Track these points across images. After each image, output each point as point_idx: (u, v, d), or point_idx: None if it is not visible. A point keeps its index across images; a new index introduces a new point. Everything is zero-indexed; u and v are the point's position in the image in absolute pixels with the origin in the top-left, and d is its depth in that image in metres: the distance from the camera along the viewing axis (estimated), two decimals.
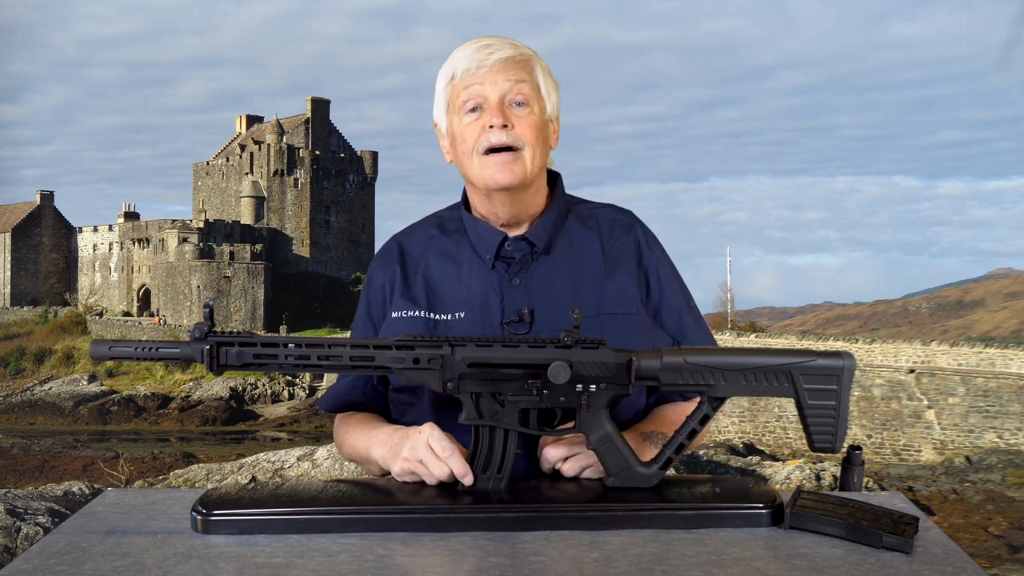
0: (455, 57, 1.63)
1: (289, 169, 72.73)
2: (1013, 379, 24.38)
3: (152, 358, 1.36)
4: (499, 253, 1.67)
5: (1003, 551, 12.90)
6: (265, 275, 63.81)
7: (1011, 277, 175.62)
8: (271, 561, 1.17)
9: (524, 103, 1.61)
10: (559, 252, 1.68)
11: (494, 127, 1.58)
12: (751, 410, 28.02)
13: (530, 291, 1.64)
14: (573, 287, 1.65)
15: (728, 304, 50.49)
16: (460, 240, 1.71)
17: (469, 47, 1.62)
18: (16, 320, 69.03)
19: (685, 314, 1.73)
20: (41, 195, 78.07)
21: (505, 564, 1.15)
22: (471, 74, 1.60)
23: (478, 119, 1.60)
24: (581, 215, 1.74)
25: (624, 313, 1.65)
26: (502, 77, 1.59)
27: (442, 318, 1.65)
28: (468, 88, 1.60)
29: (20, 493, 6.80)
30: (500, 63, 1.59)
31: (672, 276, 1.75)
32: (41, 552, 1.20)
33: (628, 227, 1.74)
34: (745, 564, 1.16)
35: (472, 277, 1.67)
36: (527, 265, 1.66)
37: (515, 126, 1.59)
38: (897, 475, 19.21)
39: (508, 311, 1.63)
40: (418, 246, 1.74)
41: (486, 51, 1.60)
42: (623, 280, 1.68)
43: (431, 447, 1.43)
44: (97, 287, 75.40)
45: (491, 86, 1.59)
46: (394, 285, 1.71)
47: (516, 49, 1.62)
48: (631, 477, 1.38)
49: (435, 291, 1.68)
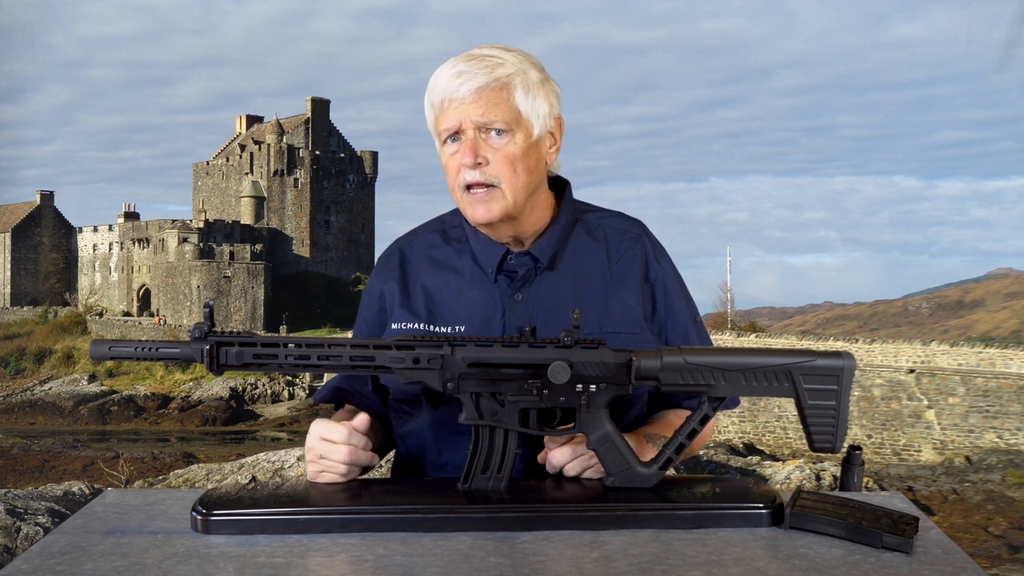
0: (433, 80, 1.57)
1: (289, 169, 72.72)
2: (1013, 379, 24.38)
3: (152, 358, 1.36)
4: (501, 267, 1.64)
5: (1003, 551, 12.90)
6: (265, 275, 63.80)
7: (1011, 277, 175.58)
8: (271, 561, 1.17)
9: (502, 131, 1.54)
10: (563, 267, 1.65)
11: (466, 165, 1.55)
12: (751, 410, 28.01)
13: (532, 307, 1.62)
14: (576, 304, 1.62)
15: (728, 304, 50.48)
16: (462, 249, 1.68)
17: (445, 72, 1.55)
18: (16, 320, 69.01)
19: (691, 329, 1.71)
20: (41, 195, 78.06)
21: (505, 564, 1.15)
22: (446, 105, 1.55)
23: (456, 152, 1.57)
24: (589, 225, 1.70)
25: (627, 332, 1.63)
26: (475, 109, 1.53)
27: (442, 331, 1.62)
28: (444, 119, 1.56)
29: (20, 493, 6.80)
30: (472, 93, 1.52)
31: (679, 290, 1.73)
32: (41, 552, 1.20)
33: (636, 239, 1.71)
34: (745, 564, 1.16)
35: (473, 290, 1.65)
36: (530, 280, 1.64)
37: (490, 161, 1.54)
38: (897, 475, 19.20)
39: (509, 326, 1.61)
40: (419, 254, 1.72)
41: (457, 80, 1.53)
42: (628, 298, 1.65)
43: (325, 438, 1.46)
44: (97, 287, 75.39)
45: (464, 119, 1.53)
46: (394, 295, 1.69)
47: (491, 73, 1.53)
48: (631, 477, 1.38)
49: (435, 303, 1.66)
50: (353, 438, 1.46)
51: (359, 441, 1.46)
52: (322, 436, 1.47)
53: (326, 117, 77.59)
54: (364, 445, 1.47)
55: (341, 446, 1.46)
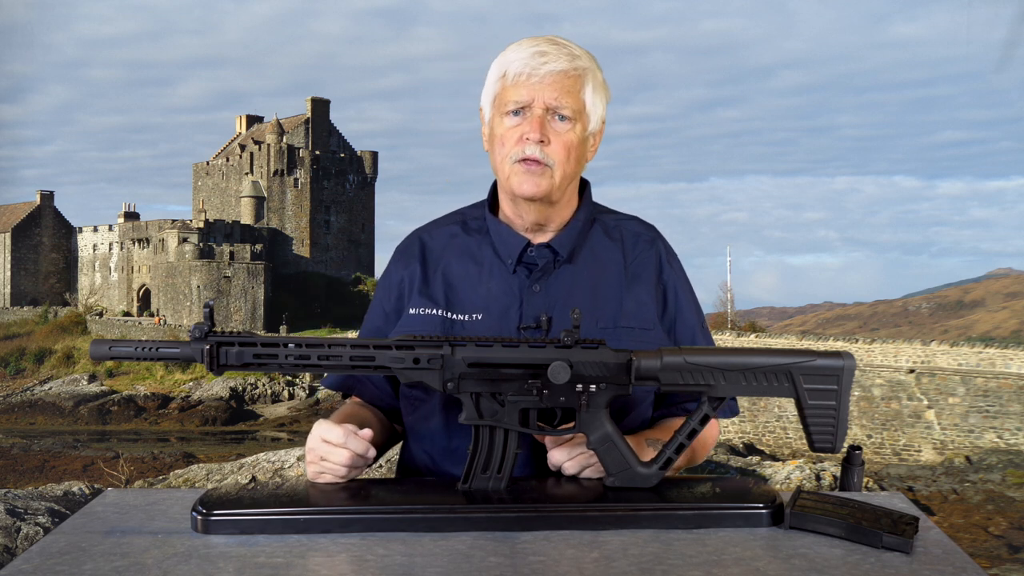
0: (510, 55, 1.61)
1: (289, 169, 72.70)
2: (1013, 379, 24.38)
3: (152, 358, 1.36)
4: (521, 258, 1.67)
5: (1003, 551, 12.90)
6: (265, 275, 63.78)
7: (1011, 277, 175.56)
8: (271, 561, 1.17)
9: (566, 118, 1.60)
10: (581, 262, 1.69)
11: (530, 140, 1.59)
12: (751, 410, 28.01)
13: (550, 298, 1.65)
14: (593, 298, 1.65)
15: (728, 304, 50.48)
16: (482, 241, 1.71)
17: (526, 48, 1.60)
18: (16, 320, 68.99)
19: (699, 332, 1.74)
20: (41, 195, 78.03)
21: (505, 564, 1.15)
22: (521, 79, 1.59)
23: (518, 126, 1.60)
24: (606, 225, 1.74)
25: (641, 328, 1.65)
26: (551, 90, 1.58)
27: (459, 318, 1.65)
28: (516, 92, 1.60)
29: (20, 493, 6.79)
30: (552, 75, 1.58)
31: (688, 294, 1.76)
32: (41, 552, 1.20)
33: (651, 242, 1.75)
34: (745, 564, 1.16)
35: (492, 280, 1.67)
36: (548, 272, 1.67)
37: (551, 142, 1.60)
38: (897, 475, 19.20)
39: (526, 316, 1.63)
40: (439, 243, 1.74)
41: (541, 59, 1.58)
42: (642, 295, 1.68)
43: (326, 439, 1.46)
44: (97, 287, 75.37)
45: (538, 97, 1.58)
46: (413, 281, 1.71)
47: (572, 62, 1.60)
48: (631, 477, 1.38)
49: (454, 291, 1.68)
50: (351, 441, 1.46)
51: (358, 445, 1.46)
52: (323, 437, 1.47)
53: (326, 117, 77.58)
54: (363, 450, 1.47)
55: (341, 449, 1.46)
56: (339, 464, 1.46)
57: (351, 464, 1.46)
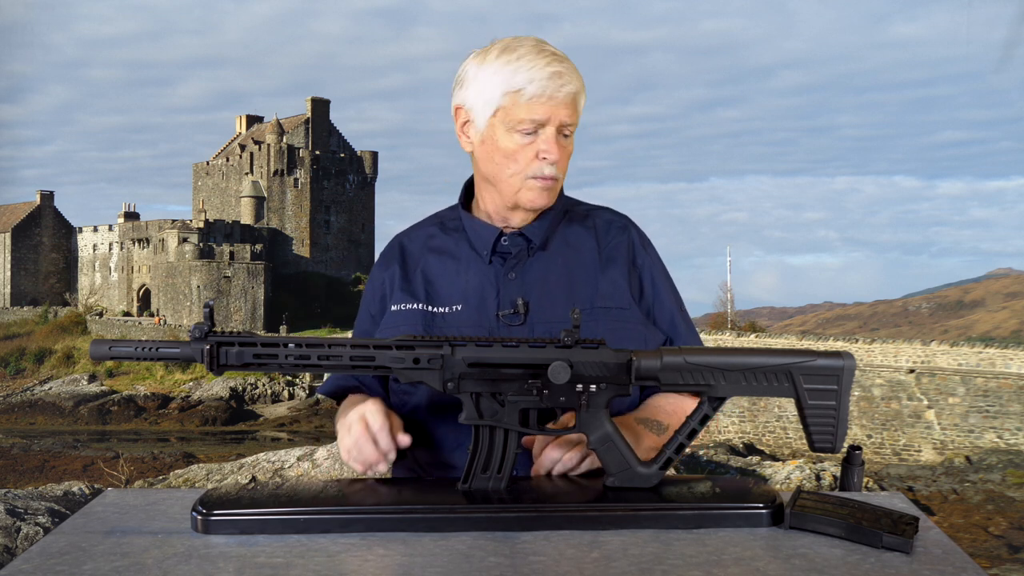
0: (524, 71, 1.60)
1: (289, 169, 72.72)
2: (1013, 379, 24.38)
3: (152, 358, 1.36)
4: (496, 248, 1.71)
5: (1003, 551, 12.90)
6: (265, 275, 63.79)
7: (1011, 277, 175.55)
8: (271, 561, 1.17)
9: (568, 134, 1.66)
10: (555, 248, 1.73)
11: (547, 160, 1.63)
12: (751, 410, 28.01)
13: (525, 285, 1.69)
14: (568, 281, 1.70)
15: (728, 304, 50.49)
16: (459, 238, 1.76)
17: (542, 68, 1.60)
18: (16, 320, 69.01)
19: (677, 315, 1.78)
20: (41, 195, 78.06)
21: (505, 564, 1.15)
22: (540, 101, 1.60)
23: (531, 144, 1.63)
24: (578, 215, 1.79)
25: (617, 307, 1.69)
26: (565, 111, 1.62)
27: (440, 311, 1.69)
28: (532, 112, 1.61)
29: (20, 493, 6.80)
30: (568, 96, 1.61)
31: (665, 279, 1.80)
32: (41, 552, 1.20)
33: (623, 228, 1.79)
34: (745, 564, 1.16)
35: (470, 272, 1.71)
36: (523, 260, 1.71)
37: (560, 158, 1.65)
38: (897, 475, 19.20)
39: (504, 303, 1.67)
40: (418, 244, 1.80)
41: (558, 81, 1.60)
42: (617, 278, 1.72)
43: (375, 437, 1.49)
44: (97, 287, 75.39)
45: (553, 117, 1.61)
46: (394, 281, 1.76)
47: (579, 80, 1.64)
48: (631, 477, 1.38)
49: (433, 286, 1.73)
50: (381, 435, 1.49)
51: (384, 442, 1.49)
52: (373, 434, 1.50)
53: (326, 117, 77.59)
54: (388, 447, 1.50)
55: (372, 446, 1.49)
56: (368, 464, 1.50)
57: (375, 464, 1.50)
